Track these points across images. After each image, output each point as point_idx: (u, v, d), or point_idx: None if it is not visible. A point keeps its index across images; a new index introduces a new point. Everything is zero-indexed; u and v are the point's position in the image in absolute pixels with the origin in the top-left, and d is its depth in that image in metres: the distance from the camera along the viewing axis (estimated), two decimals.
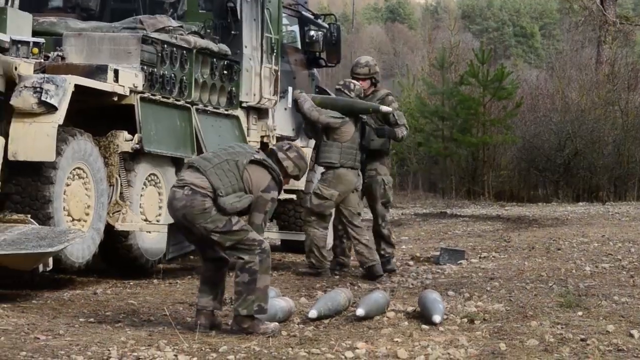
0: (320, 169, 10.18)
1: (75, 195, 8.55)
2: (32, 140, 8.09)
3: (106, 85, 8.79)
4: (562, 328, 6.56)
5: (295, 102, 9.90)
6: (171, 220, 6.61)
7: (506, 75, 23.08)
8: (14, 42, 8.31)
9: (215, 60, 10.25)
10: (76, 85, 8.36)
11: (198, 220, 6.28)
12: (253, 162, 6.41)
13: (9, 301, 7.72)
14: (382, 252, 9.97)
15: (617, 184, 23.18)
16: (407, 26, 65.87)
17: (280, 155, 6.67)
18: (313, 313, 6.84)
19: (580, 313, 7.12)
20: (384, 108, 9.67)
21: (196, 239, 6.48)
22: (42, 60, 8.69)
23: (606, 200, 21.73)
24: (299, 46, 12.50)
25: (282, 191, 11.57)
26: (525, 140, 23.40)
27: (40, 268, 7.94)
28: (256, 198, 6.38)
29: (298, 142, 12.09)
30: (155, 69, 9.38)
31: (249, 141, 10.84)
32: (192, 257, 11.52)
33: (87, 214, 8.70)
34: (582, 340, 6.16)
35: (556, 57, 30.63)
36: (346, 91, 9.80)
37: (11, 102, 8.15)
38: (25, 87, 8.16)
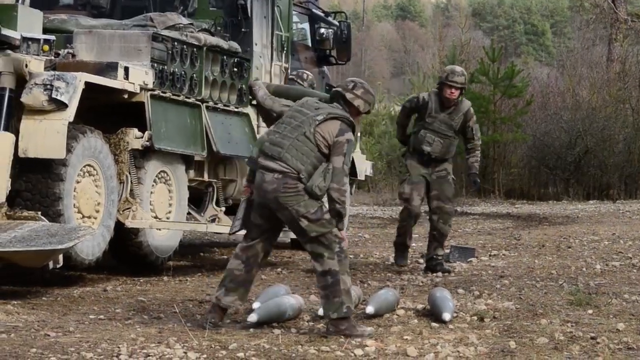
0: None
1: (85, 192, 8.56)
2: (43, 137, 8.09)
3: (116, 82, 8.79)
4: (572, 326, 6.55)
5: (250, 89, 9.82)
6: None
7: (517, 73, 23.02)
8: (25, 40, 8.32)
9: (225, 57, 10.25)
10: (86, 83, 8.36)
11: (290, 203, 6.23)
12: (318, 124, 6.31)
13: (20, 298, 7.74)
14: (434, 255, 9.73)
15: (628, 182, 23.10)
16: (417, 24, 65.83)
17: (349, 95, 6.53)
18: (322, 311, 6.83)
19: (590, 311, 7.11)
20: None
21: (269, 227, 6.44)
22: (53, 58, 8.69)
23: (617, 199, 21.68)
24: (309, 44, 12.50)
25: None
26: (535, 138, 23.34)
27: (51, 265, 7.95)
28: (332, 144, 6.29)
29: None
30: (166, 67, 9.38)
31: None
32: (201, 254, 11.54)
33: (97, 211, 8.71)
34: (592, 338, 6.15)
35: (567, 55, 30.54)
36: (299, 81, 9.82)
37: (22, 100, 8.16)
38: (36, 84, 8.17)
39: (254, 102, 9.70)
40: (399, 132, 10.21)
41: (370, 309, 6.80)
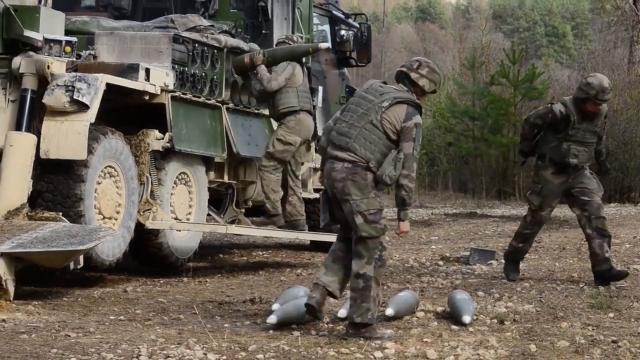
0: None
1: (106, 193, 8.59)
2: (64, 138, 8.12)
3: (137, 84, 8.81)
4: (593, 329, 6.52)
5: (250, 62, 9.97)
6: None
7: (537, 75, 22.94)
8: (47, 41, 8.35)
9: None
10: (108, 84, 8.39)
11: (355, 194, 6.18)
12: (385, 111, 6.25)
13: (40, 298, 7.77)
14: (607, 255, 8.93)
15: None
16: (437, 26, 65.71)
17: (414, 75, 6.42)
18: (342, 312, 6.82)
19: (611, 315, 7.07)
20: (322, 45, 10.29)
21: (342, 216, 6.37)
22: (75, 59, 8.73)
23: (638, 202, 21.56)
24: (330, 46, 12.49)
25: (312, 190, 11.76)
26: None
27: (71, 266, 7.97)
28: (400, 130, 6.21)
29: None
30: (186, 68, 9.40)
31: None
32: (221, 255, 11.56)
33: (118, 212, 8.73)
34: (613, 342, 6.12)
35: (588, 58, 30.45)
36: (289, 42, 10.29)
37: (43, 101, 8.19)
38: (58, 85, 8.20)
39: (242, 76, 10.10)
40: (525, 146, 9.46)
41: (390, 311, 6.79)
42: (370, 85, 6.48)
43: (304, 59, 10.36)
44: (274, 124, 10.91)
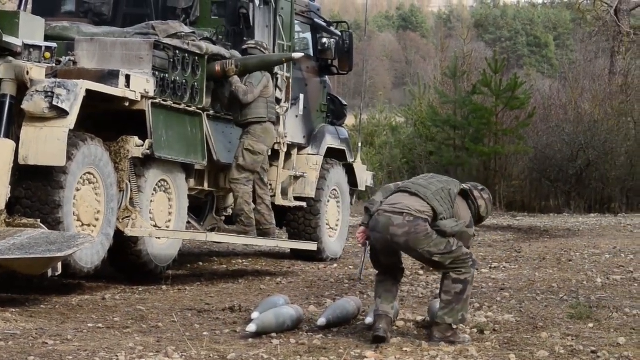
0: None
1: (85, 200, 8.54)
2: (43, 144, 8.08)
3: (117, 90, 8.78)
4: (572, 340, 6.52)
5: (223, 71, 10.03)
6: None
7: (519, 85, 23.01)
8: (26, 47, 8.31)
9: None
10: (87, 90, 8.35)
11: (422, 245, 6.37)
12: (461, 192, 6.59)
13: (18, 306, 7.71)
14: None
15: (630, 195, 23.07)
16: (419, 34, 65.86)
17: (476, 194, 6.70)
18: (322, 321, 6.81)
19: (591, 325, 7.08)
20: (295, 55, 10.37)
21: (392, 262, 6.59)
22: (54, 65, 8.68)
23: (618, 212, 21.65)
24: (311, 53, 12.48)
25: (293, 198, 11.75)
26: (537, 151, 23.31)
27: (49, 273, 7.92)
28: (461, 232, 6.51)
29: (309, 149, 12.10)
30: (167, 75, 9.37)
31: None
32: (200, 263, 11.51)
33: (97, 219, 8.68)
34: (592, 352, 6.12)
35: (569, 68, 30.49)
36: (260, 49, 10.36)
37: (22, 106, 8.14)
38: (37, 91, 8.16)
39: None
40: None
41: (369, 320, 6.77)
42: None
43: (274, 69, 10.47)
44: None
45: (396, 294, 6.70)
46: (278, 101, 10.74)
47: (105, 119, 9.15)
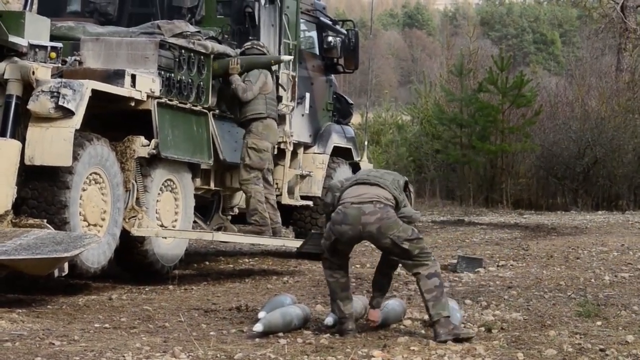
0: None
1: (91, 200, 8.54)
2: (49, 144, 8.07)
3: (123, 90, 8.77)
4: (580, 338, 6.50)
5: (225, 78, 10.09)
6: None
7: (525, 82, 22.95)
8: (32, 47, 8.31)
9: None
10: (93, 90, 8.35)
11: (392, 230, 6.45)
12: (405, 184, 6.75)
13: (24, 306, 7.71)
14: None
15: (637, 192, 23.00)
16: (425, 32, 65.80)
17: (410, 186, 6.90)
18: (329, 320, 6.79)
19: (599, 323, 7.05)
20: (285, 57, 10.36)
21: (347, 253, 6.72)
22: (60, 65, 8.68)
23: (626, 209, 21.59)
24: (317, 52, 12.47)
25: (299, 197, 11.74)
26: (544, 148, 23.26)
27: (56, 273, 7.92)
28: (416, 221, 6.73)
29: (315, 148, 12.09)
30: (173, 74, 9.36)
31: None
32: (207, 262, 11.50)
33: (103, 219, 8.68)
34: (601, 350, 6.10)
35: (576, 65, 30.43)
36: (258, 47, 10.32)
37: (28, 107, 8.14)
38: (43, 91, 8.15)
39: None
40: None
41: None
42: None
43: (274, 67, 10.44)
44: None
45: (351, 288, 6.82)
46: (279, 99, 10.69)
47: (111, 119, 9.15)
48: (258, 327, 6.53)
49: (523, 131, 22.86)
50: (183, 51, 9.53)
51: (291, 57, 10.74)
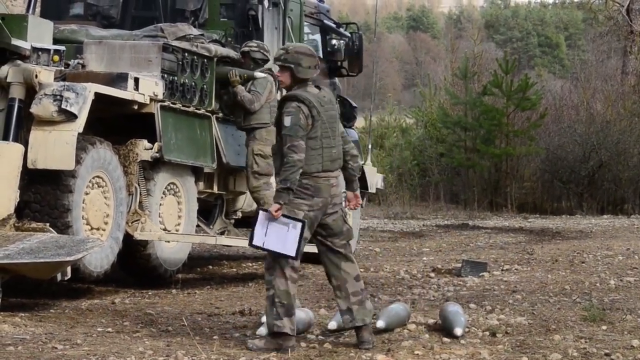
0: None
1: (94, 204, 8.52)
2: (52, 148, 8.06)
3: (126, 93, 8.76)
4: (585, 342, 6.47)
5: (233, 91, 10.03)
6: None
7: (530, 85, 22.93)
8: (35, 50, 8.31)
9: None
10: (96, 94, 8.34)
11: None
12: None
13: (27, 310, 7.70)
14: None
15: None
16: (429, 35, 65.83)
17: None
18: (332, 324, 6.77)
19: (604, 327, 7.02)
20: (258, 74, 10.08)
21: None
22: (63, 68, 8.68)
23: (631, 213, 21.54)
24: (321, 55, 12.44)
25: None
26: (549, 152, 23.23)
27: (59, 277, 7.90)
28: None
29: None
30: (176, 78, 9.34)
31: None
32: (210, 266, 11.48)
33: (106, 223, 8.66)
34: (606, 354, 6.07)
35: (581, 68, 30.39)
36: (262, 51, 10.27)
37: (31, 110, 8.13)
38: (46, 94, 8.14)
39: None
40: None
41: (381, 323, 6.74)
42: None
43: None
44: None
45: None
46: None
47: (114, 122, 9.14)
48: (261, 331, 6.52)
49: (528, 134, 22.83)
50: (186, 54, 9.51)
51: (264, 75, 10.13)
